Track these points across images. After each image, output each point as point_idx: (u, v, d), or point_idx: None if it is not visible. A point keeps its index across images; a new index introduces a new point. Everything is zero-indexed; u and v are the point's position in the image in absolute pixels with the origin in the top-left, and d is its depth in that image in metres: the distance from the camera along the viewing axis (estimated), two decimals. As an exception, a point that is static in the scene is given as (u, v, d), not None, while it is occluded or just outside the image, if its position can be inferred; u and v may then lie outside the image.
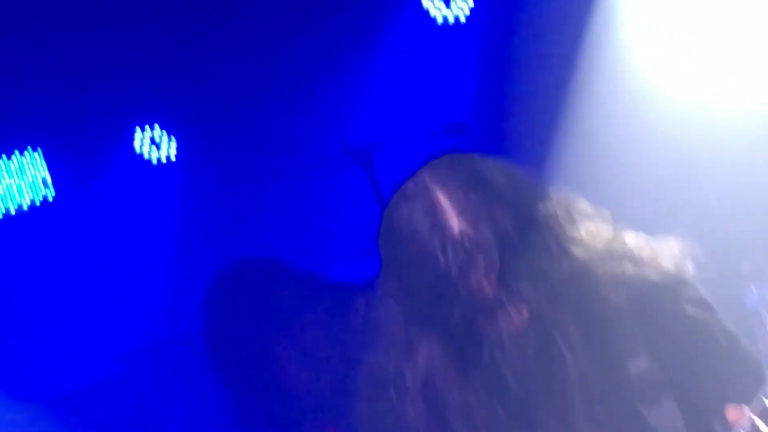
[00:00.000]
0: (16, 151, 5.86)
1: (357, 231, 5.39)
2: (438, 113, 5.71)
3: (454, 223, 2.46)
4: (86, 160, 5.98)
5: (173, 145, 6.08)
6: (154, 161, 6.08)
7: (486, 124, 5.45)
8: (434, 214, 2.47)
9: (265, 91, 5.87)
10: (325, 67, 5.81)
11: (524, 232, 2.48)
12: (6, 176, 5.85)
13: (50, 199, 5.93)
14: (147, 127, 6.04)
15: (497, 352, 2.48)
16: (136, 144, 6.06)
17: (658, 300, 2.49)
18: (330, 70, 5.82)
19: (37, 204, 5.91)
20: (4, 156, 5.84)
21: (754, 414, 2.21)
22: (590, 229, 2.55)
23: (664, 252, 2.56)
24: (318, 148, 5.87)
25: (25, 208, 5.89)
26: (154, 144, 6.07)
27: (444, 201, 2.48)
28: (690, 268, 2.54)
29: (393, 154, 5.21)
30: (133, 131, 6.03)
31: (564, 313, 2.47)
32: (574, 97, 4.97)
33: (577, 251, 2.51)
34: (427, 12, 5.83)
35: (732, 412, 2.25)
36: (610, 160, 4.69)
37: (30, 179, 5.88)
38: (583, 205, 2.59)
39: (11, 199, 5.86)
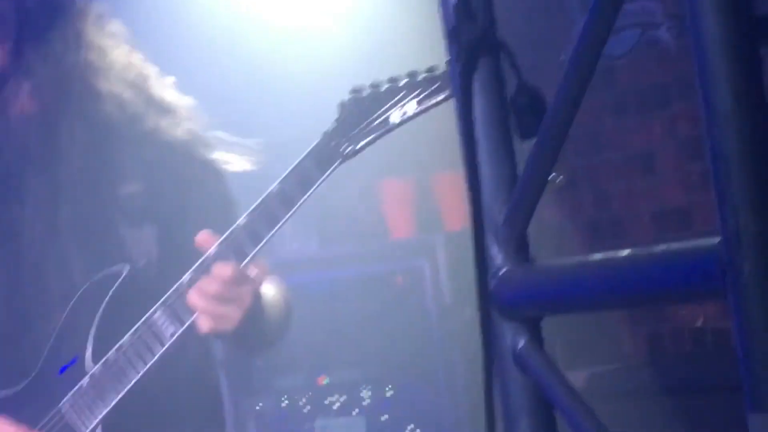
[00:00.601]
0: None
1: None
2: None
3: None
4: None
5: None
6: None
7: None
8: None
9: None
10: None
11: (49, 17, 2.51)
12: None
13: None
14: None
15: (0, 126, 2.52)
16: None
17: (164, 143, 2.59)
18: None
19: None
20: None
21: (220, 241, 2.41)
22: (123, 51, 2.62)
23: (192, 116, 2.65)
24: None
25: None
26: None
27: None
28: (213, 137, 2.66)
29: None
30: None
31: (71, 108, 2.53)
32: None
33: (96, 57, 2.56)
34: None
35: (203, 237, 2.42)
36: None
37: None
38: (124, 31, 2.64)
39: None
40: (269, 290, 2.62)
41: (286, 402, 4.61)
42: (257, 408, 4.64)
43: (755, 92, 1.28)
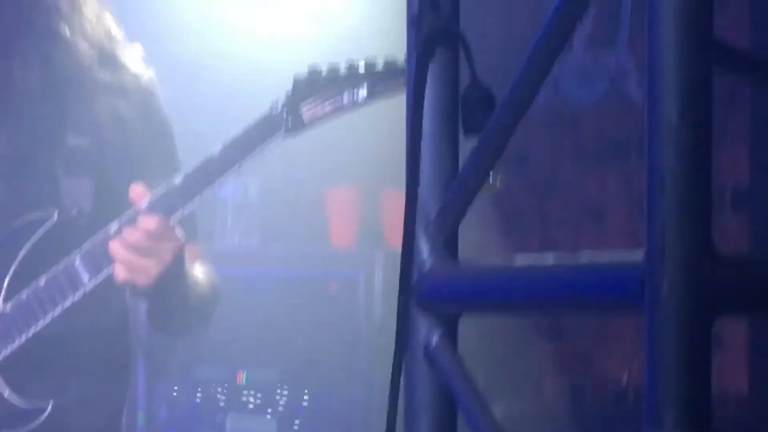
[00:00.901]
0: None
1: None
2: None
3: None
4: None
5: None
6: None
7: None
8: None
9: None
10: None
11: None
12: None
13: None
14: None
15: None
16: None
17: (117, 102, 2.57)
18: None
19: None
20: None
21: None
22: (94, 7, 2.62)
23: (151, 85, 2.65)
24: None
25: None
26: None
27: None
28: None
29: None
30: None
31: (30, 46, 2.52)
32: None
33: (65, 4, 2.57)
34: None
35: (136, 191, 2.42)
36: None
37: None
38: None
39: None
40: (197, 270, 2.59)
41: (201, 393, 4.57)
42: (172, 395, 4.60)
43: (701, 112, 1.28)
